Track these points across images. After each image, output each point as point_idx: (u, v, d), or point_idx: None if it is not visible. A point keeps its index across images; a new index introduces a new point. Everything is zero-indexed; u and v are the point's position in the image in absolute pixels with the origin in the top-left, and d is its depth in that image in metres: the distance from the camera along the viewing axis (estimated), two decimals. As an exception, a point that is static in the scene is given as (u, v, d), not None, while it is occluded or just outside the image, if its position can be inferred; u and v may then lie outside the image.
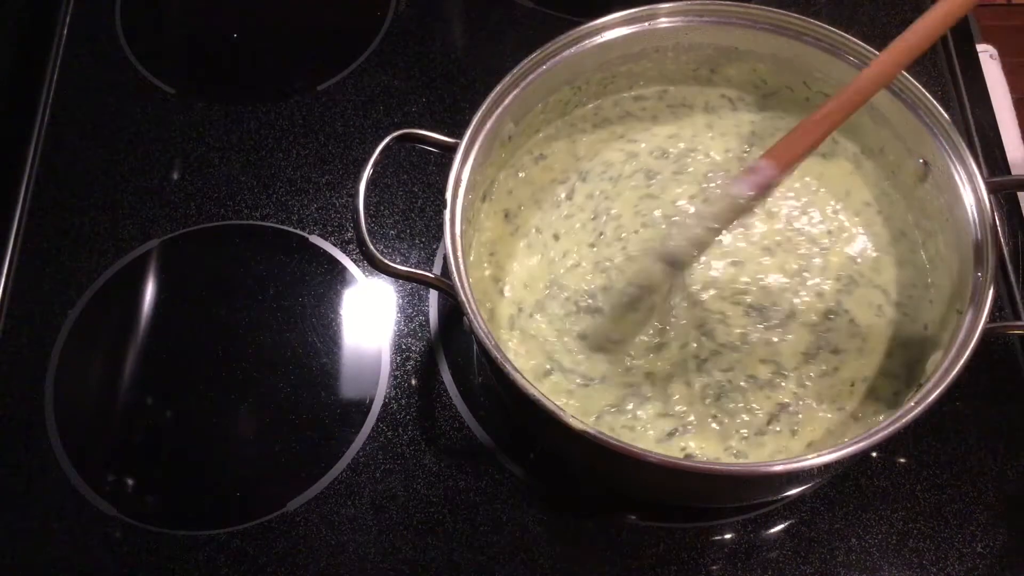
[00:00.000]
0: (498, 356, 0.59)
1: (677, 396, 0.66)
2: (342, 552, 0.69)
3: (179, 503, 0.72)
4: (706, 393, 0.66)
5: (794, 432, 0.65)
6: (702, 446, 0.65)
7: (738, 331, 0.68)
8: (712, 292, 0.69)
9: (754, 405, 0.66)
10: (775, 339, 0.68)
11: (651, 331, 0.68)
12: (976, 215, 0.64)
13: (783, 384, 0.66)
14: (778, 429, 0.65)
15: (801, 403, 0.66)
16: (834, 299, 0.69)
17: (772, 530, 0.70)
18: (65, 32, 0.95)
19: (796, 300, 0.69)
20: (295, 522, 0.70)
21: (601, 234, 0.72)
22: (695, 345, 0.67)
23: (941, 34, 0.61)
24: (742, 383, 0.66)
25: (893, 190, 0.73)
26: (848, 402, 0.66)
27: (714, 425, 0.65)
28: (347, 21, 0.96)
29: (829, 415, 0.66)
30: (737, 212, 0.64)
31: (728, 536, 0.70)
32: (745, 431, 0.65)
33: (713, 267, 0.70)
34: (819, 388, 0.67)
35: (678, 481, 0.64)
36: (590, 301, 0.69)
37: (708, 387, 0.66)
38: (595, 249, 0.71)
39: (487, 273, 0.71)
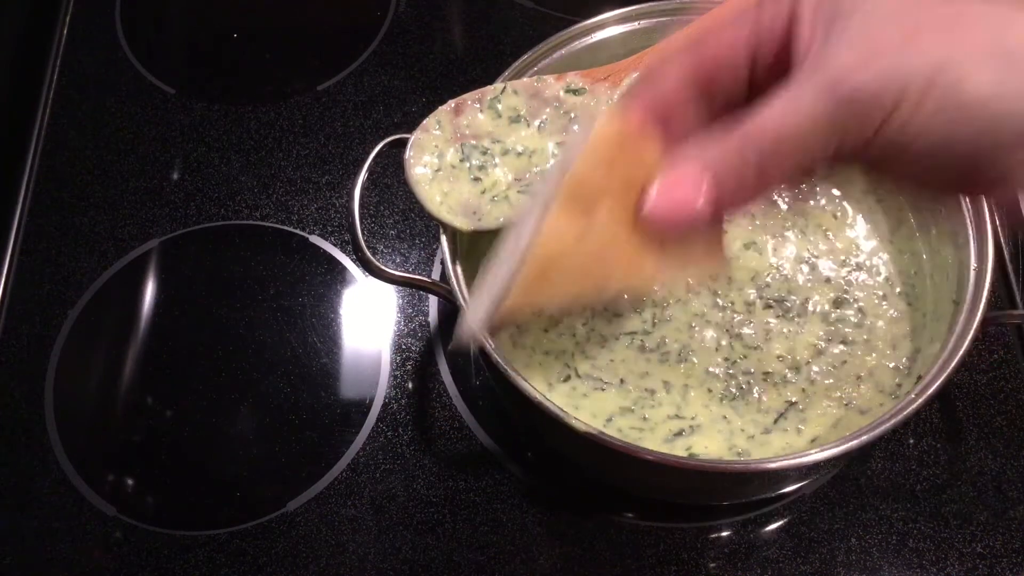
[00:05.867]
0: (499, 360, 0.59)
1: (694, 397, 0.66)
2: (342, 552, 0.69)
3: (179, 503, 0.72)
4: (725, 395, 0.66)
5: (799, 431, 0.65)
6: (707, 445, 0.65)
7: (762, 328, 0.68)
8: (740, 289, 0.69)
9: (765, 404, 0.66)
10: (792, 331, 0.68)
11: (676, 338, 0.68)
12: (969, 206, 0.65)
13: (794, 380, 0.67)
14: (785, 428, 0.65)
15: (809, 400, 0.66)
16: (842, 288, 0.70)
17: (772, 529, 0.70)
18: (65, 32, 0.95)
19: (809, 286, 0.69)
20: (295, 522, 0.70)
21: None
22: (727, 348, 0.67)
23: None
24: (759, 382, 0.67)
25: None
26: (854, 396, 0.66)
27: (721, 426, 0.65)
28: (347, 21, 0.96)
29: (835, 410, 0.66)
30: None
31: (728, 535, 0.70)
32: (752, 431, 0.65)
33: (738, 259, 0.70)
34: (827, 383, 0.66)
35: (679, 479, 0.64)
36: (604, 309, 0.69)
37: (728, 388, 0.66)
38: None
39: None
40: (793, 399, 0.66)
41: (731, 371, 0.67)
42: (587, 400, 0.66)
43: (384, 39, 0.94)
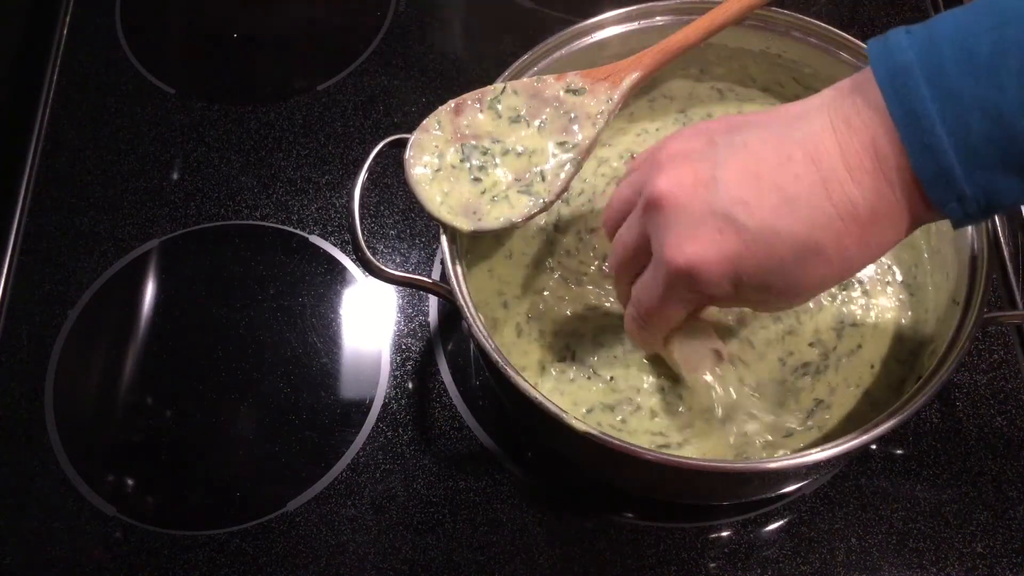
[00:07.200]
0: (498, 360, 0.59)
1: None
2: (342, 552, 0.69)
3: (179, 503, 0.72)
4: (774, 400, 0.65)
5: (821, 428, 0.65)
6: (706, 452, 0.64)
7: (791, 311, 0.68)
8: None
9: (800, 403, 0.65)
10: (812, 311, 0.68)
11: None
12: None
13: (826, 371, 0.66)
14: (810, 426, 0.65)
15: (834, 394, 0.66)
16: None
17: (772, 529, 0.70)
18: (65, 32, 0.95)
19: None
20: (295, 522, 0.70)
21: (594, 264, 0.71)
22: (780, 339, 0.67)
23: None
24: (800, 376, 0.66)
25: None
26: (869, 384, 0.66)
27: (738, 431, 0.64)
28: (347, 21, 0.96)
29: (853, 400, 0.65)
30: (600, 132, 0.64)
31: (728, 535, 0.70)
32: (772, 436, 0.64)
33: None
34: (848, 371, 0.66)
35: (679, 479, 0.64)
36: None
37: (783, 392, 0.65)
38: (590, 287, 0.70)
39: (489, 283, 0.70)
40: (821, 397, 0.66)
41: (784, 373, 0.66)
42: (573, 385, 0.66)
43: (384, 39, 0.94)
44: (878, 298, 0.69)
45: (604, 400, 0.66)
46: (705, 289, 0.52)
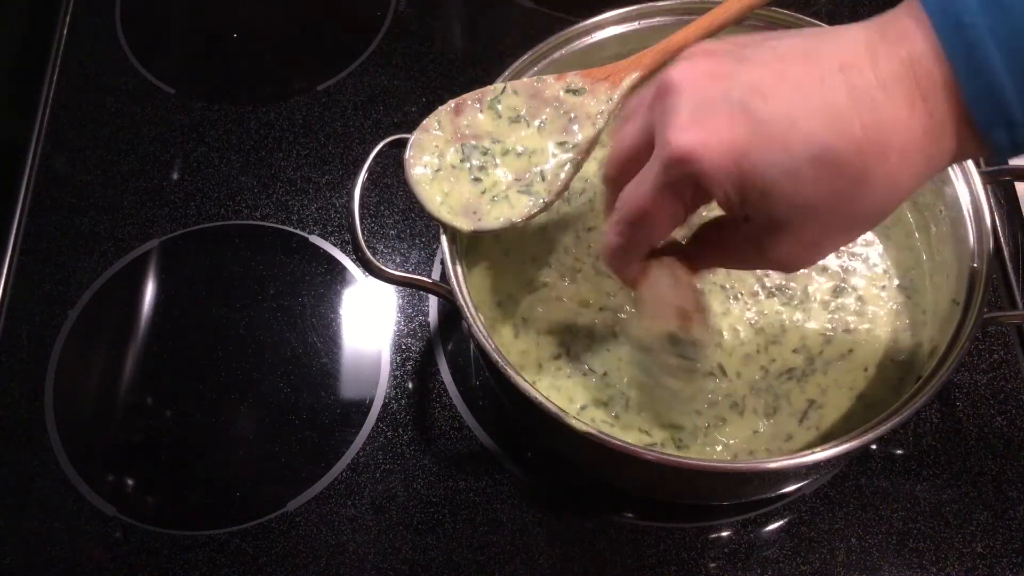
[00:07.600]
0: (498, 360, 0.59)
1: (732, 425, 0.65)
2: (342, 552, 0.69)
3: (179, 503, 0.72)
4: (767, 411, 0.65)
5: (818, 428, 0.65)
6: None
7: (777, 318, 0.68)
8: (742, 279, 0.69)
9: (793, 405, 0.65)
10: (801, 319, 0.68)
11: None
12: (970, 206, 0.65)
13: (813, 374, 0.66)
14: (808, 427, 0.65)
15: (826, 395, 0.66)
16: (839, 276, 0.70)
17: (772, 529, 0.70)
18: (65, 32, 0.95)
19: (805, 273, 0.69)
20: (295, 522, 0.70)
21: (588, 260, 0.71)
22: (756, 345, 0.67)
23: None
24: (785, 381, 0.66)
25: None
26: (862, 387, 0.66)
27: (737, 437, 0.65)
28: (347, 21, 0.96)
29: (846, 402, 0.65)
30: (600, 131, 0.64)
31: (728, 535, 0.70)
32: (772, 444, 0.64)
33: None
34: (838, 374, 0.66)
35: (679, 479, 0.64)
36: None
37: (769, 403, 0.65)
38: (593, 283, 0.70)
39: (487, 282, 0.71)
40: (812, 397, 0.66)
41: (768, 380, 0.66)
42: (569, 382, 0.66)
43: (384, 39, 0.94)
44: (874, 304, 0.69)
45: (598, 396, 0.66)
46: (704, 182, 0.47)
